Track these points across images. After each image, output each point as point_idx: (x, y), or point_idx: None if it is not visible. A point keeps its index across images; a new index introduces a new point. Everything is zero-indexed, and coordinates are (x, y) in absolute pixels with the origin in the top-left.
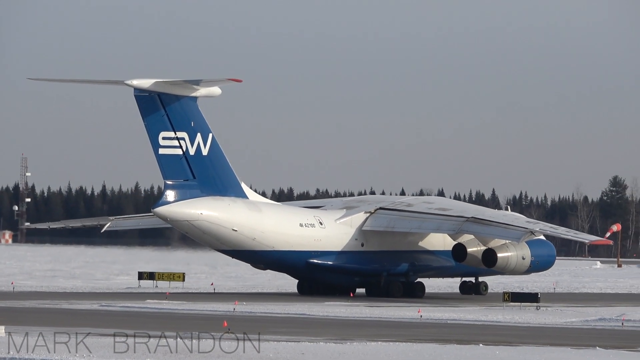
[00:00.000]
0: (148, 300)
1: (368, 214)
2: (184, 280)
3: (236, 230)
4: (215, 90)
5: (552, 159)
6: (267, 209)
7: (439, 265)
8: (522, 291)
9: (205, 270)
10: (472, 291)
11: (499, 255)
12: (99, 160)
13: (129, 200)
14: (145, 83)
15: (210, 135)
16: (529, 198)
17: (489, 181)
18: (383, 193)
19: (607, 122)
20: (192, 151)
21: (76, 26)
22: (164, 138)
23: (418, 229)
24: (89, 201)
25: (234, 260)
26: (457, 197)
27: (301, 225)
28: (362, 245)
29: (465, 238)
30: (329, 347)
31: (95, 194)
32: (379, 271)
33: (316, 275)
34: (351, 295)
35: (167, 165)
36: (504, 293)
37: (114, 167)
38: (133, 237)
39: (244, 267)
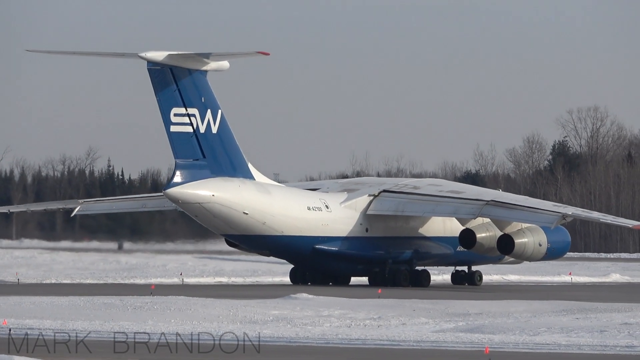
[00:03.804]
0: None
1: (372, 197)
2: None
3: (247, 214)
4: (224, 64)
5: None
6: (275, 190)
7: (441, 252)
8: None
9: None
10: (466, 281)
11: (516, 241)
12: None
13: None
14: (159, 55)
15: (220, 111)
16: (322, 179)
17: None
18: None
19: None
20: (202, 129)
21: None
22: (175, 114)
23: (432, 213)
24: None
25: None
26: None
27: (309, 208)
28: (367, 230)
29: (473, 223)
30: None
31: None
32: (384, 258)
33: (321, 261)
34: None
35: (179, 143)
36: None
37: None
38: None
39: (33, 251)
